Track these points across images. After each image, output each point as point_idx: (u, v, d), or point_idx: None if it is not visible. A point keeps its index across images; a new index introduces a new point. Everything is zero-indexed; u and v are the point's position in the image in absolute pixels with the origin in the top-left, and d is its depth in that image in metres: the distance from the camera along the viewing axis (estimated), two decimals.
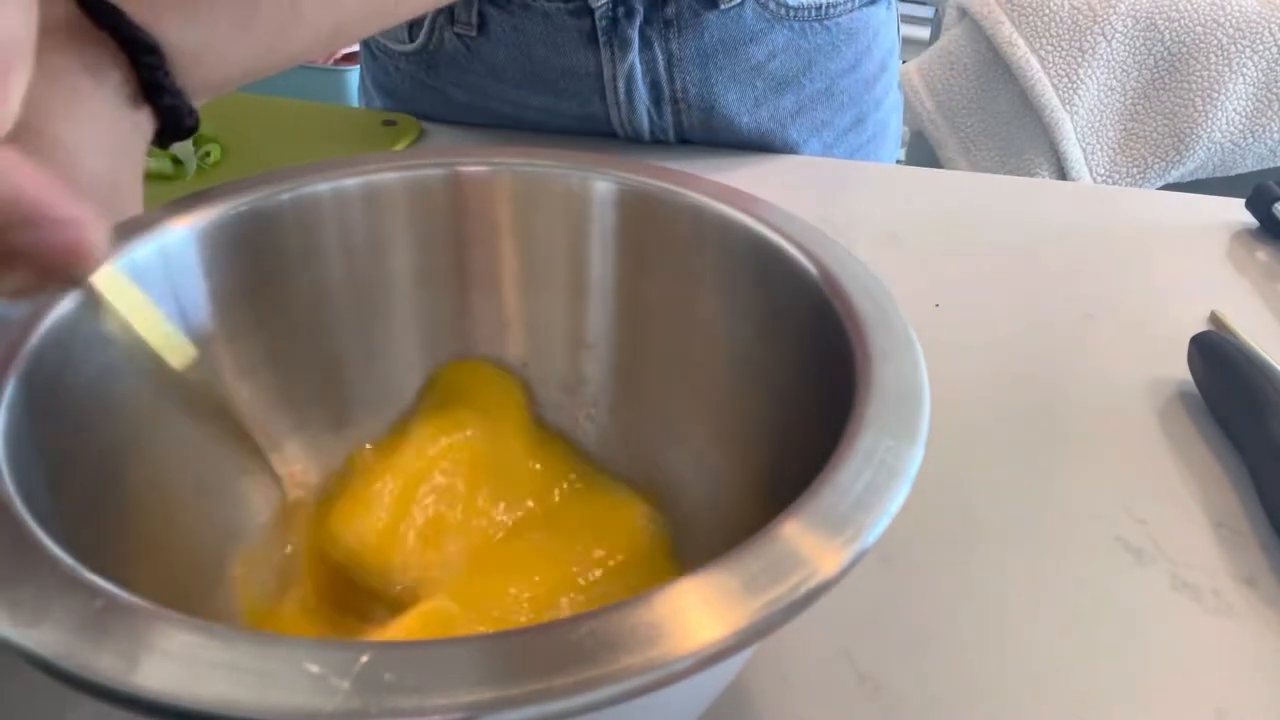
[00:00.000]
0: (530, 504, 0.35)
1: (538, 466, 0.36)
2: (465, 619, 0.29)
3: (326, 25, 0.41)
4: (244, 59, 0.39)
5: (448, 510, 0.33)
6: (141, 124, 0.36)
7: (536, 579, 0.31)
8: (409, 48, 0.66)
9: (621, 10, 0.59)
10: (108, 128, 0.35)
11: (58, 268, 0.23)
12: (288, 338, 0.36)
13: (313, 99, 0.78)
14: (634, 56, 0.61)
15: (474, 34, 0.63)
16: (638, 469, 0.37)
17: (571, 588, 0.32)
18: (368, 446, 0.36)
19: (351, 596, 0.31)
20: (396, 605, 0.31)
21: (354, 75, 1.86)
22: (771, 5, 0.61)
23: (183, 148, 0.60)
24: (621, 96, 0.63)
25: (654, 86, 0.63)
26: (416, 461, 0.34)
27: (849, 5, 0.64)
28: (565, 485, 0.36)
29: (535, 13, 0.61)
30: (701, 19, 0.60)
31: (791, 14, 0.62)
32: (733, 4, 0.60)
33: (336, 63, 1.93)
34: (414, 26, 0.65)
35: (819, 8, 0.63)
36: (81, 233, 0.23)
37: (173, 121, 0.37)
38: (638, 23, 0.60)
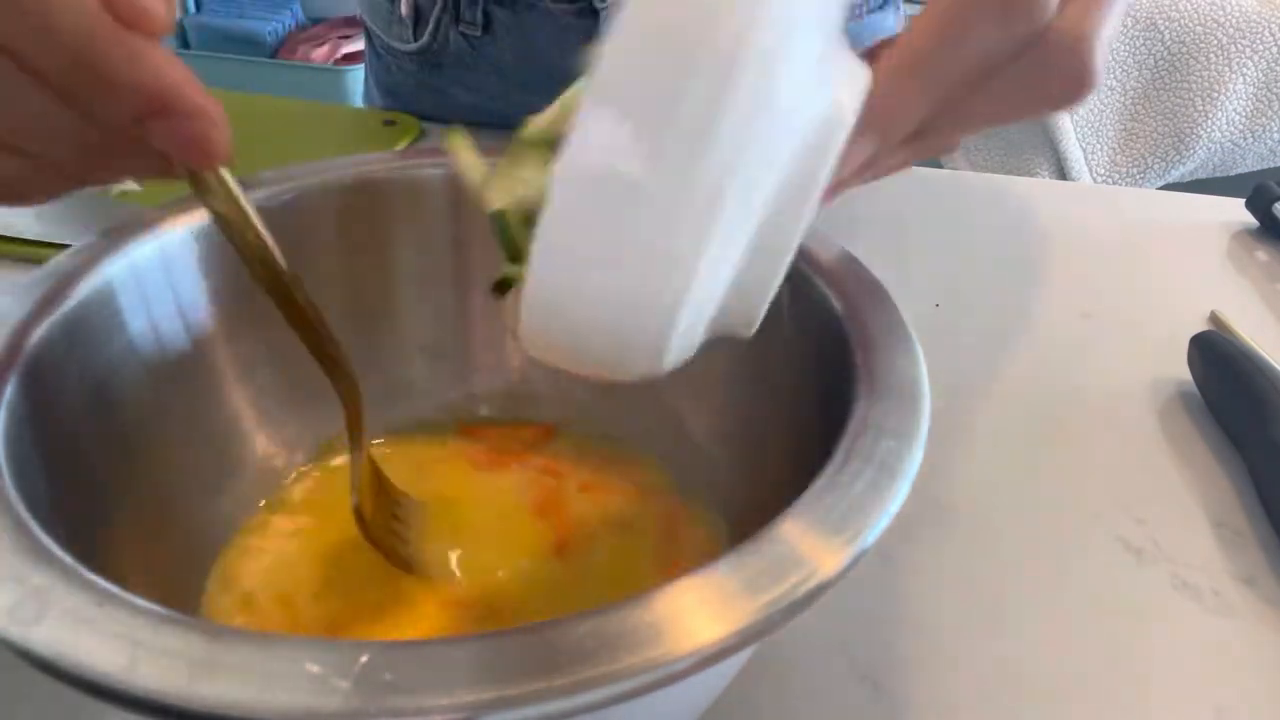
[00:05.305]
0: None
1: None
2: None
3: None
4: None
5: None
6: None
7: None
8: (413, 47, 0.66)
9: None
10: None
11: (183, 158, 0.24)
12: (287, 337, 0.36)
13: (313, 99, 0.78)
14: None
15: (479, 33, 0.63)
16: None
17: None
18: None
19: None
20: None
21: (354, 75, 1.87)
22: None
23: None
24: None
25: None
26: None
27: (857, 11, 0.64)
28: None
29: (540, 13, 0.61)
30: None
31: None
32: None
33: (337, 63, 1.94)
34: (418, 25, 0.65)
35: None
36: (211, 128, 0.23)
37: None
38: None
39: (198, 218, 0.33)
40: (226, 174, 0.26)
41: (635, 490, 0.36)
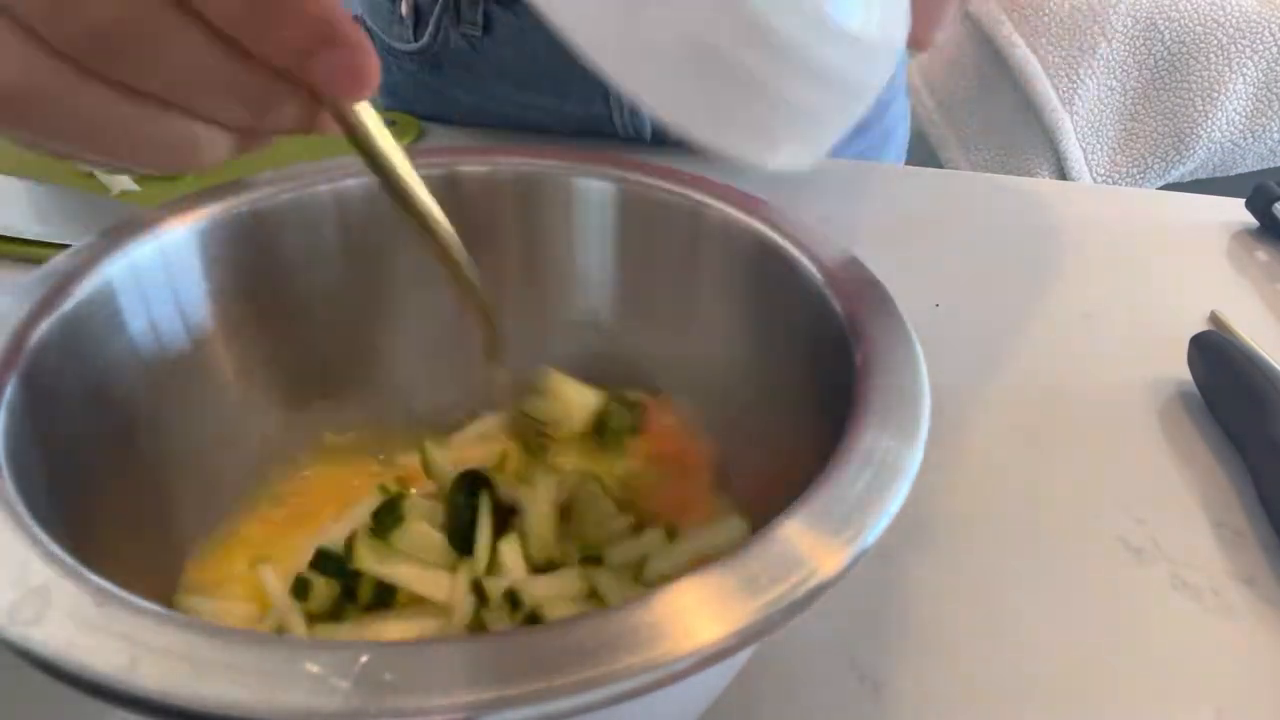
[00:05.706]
0: None
1: None
2: None
3: None
4: None
5: None
6: None
7: None
8: (413, 47, 0.66)
9: None
10: None
11: (340, 90, 0.25)
12: (287, 338, 0.36)
13: None
14: None
15: (479, 34, 0.63)
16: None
17: None
18: None
19: None
20: None
21: None
22: None
23: None
24: (625, 98, 0.63)
25: None
26: None
27: None
28: None
29: None
30: None
31: None
32: None
33: None
34: (419, 26, 0.65)
35: None
36: (368, 58, 0.24)
37: None
38: None
39: (198, 218, 0.33)
40: (365, 113, 0.27)
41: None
